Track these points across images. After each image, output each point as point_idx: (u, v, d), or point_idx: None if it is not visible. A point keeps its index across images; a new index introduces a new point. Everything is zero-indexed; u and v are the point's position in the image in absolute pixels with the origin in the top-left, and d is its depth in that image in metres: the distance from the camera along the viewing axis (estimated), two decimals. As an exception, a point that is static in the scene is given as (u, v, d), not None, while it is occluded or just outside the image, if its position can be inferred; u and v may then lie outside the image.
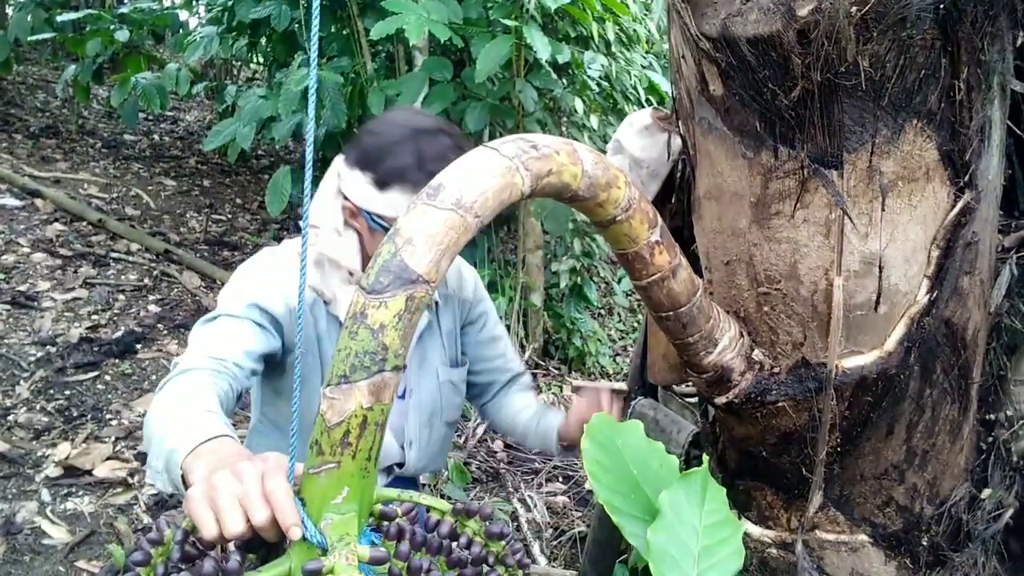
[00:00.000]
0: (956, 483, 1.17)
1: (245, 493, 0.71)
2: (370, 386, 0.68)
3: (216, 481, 0.73)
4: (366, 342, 0.68)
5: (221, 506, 0.70)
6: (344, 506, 0.70)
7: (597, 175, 0.87)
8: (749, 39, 0.97)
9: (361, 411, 0.68)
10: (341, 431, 0.68)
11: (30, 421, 2.97)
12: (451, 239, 0.72)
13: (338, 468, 0.69)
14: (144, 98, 4.63)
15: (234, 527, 0.69)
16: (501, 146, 0.80)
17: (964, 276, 1.07)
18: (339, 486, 0.69)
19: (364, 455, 0.69)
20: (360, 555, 0.67)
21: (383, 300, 0.68)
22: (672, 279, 1.03)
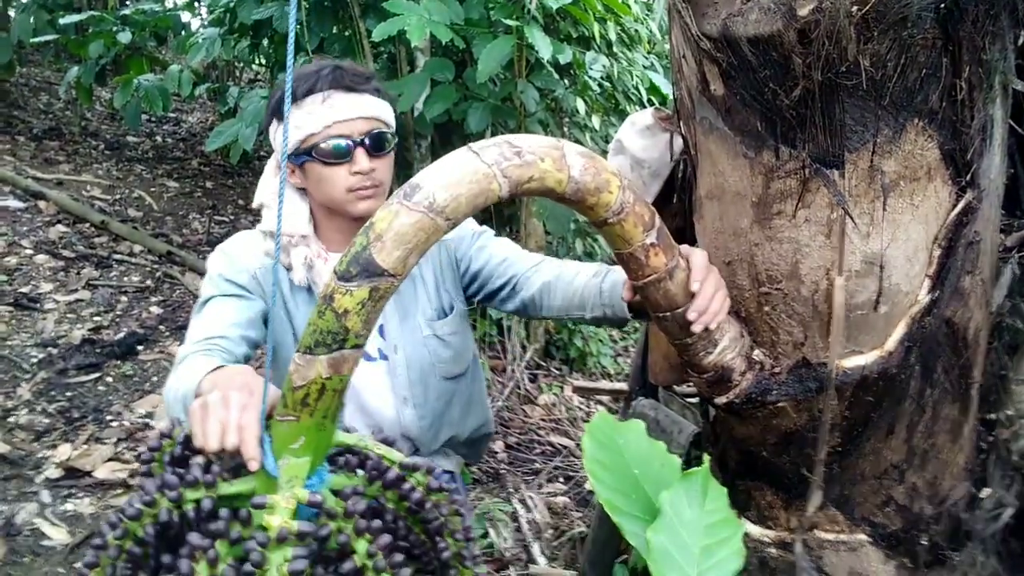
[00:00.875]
0: (956, 482, 1.17)
1: (226, 420, 0.84)
2: (330, 360, 0.78)
3: (209, 401, 0.86)
4: (330, 323, 0.78)
5: (206, 426, 0.84)
6: (300, 452, 0.82)
7: (585, 181, 0.88)
8: (750, 39, 0.97)
9: (320, 379, 0.79)
10: (302, 393, 0.80)
11: (31, 422, 2.97)
12: (420, 239, 0.78)
13: (297, 421, 0.81)
14: (147, 100, 4.64)
15: (211, 446, 0.83)
16: (483, 150, 0.82)
17: (966, 276, 1.07)
18: (296, 435, 0.82)
19: (321, 414, 0.81)
20: (299, 497, 0.79)
21: (349, 288, 0.77)
22: (669, 280, 1.03)
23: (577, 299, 1.34)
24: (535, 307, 1.43)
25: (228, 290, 1.35)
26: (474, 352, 1.62)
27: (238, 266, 1.37)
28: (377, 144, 1.34)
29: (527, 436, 3.47)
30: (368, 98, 1.34)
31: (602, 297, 1.29)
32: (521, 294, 1.44)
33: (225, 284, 1.35)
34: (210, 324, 1.28)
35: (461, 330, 1.54)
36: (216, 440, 0.83)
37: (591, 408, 3.84)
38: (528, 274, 1.45)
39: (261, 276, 1.38)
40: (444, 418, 1.53)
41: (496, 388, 3.69)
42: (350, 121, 1.31)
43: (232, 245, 1.42)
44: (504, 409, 3.59)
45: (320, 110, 1.30)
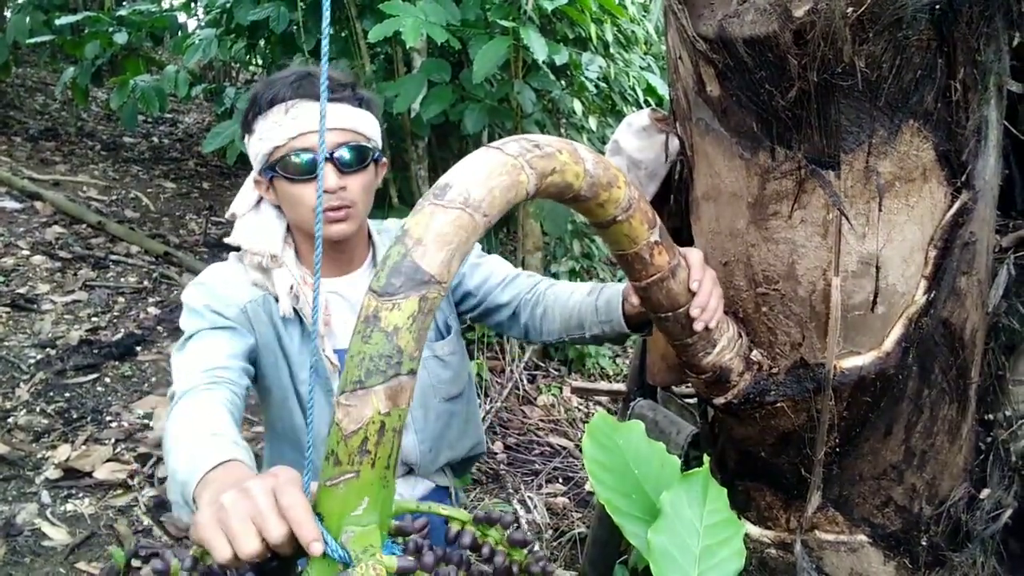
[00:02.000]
0: (955, 483, 1.17)
1: (258, 510, 0.67)
2: (387, 390, 0.66)
3: (225, 501, 0.69)
4: (381, 345, 0.66)
5: (233, 526, 0.67)
6: (364, 517, 0.67)
7: (599, 174, 0.87)
8: (746, 40, 0.97)
9: (379, 417, 0.66)
10: (359, 439, 0.66)
11: (30, 423, 2.97)
12: (461, 238, 0.71)
13: (357, 478, 0.66)
14: (143, 100, 4.62)
15: (249, 547, 0.66)
16: (504, 145, 0.80)
17: (962, 276, 1.07)
18: (359, 497, 0.67)
19: (383, 463, 0.67)
20: (387, 565, 0.65)
21: (396, 302, 0.67)
22: (671, 279, 1.03)
23: (575, 320, 1.33)
24: (536, 332, 1.42)
25: (218, 323, 1.23)
26: (470, 372, 1.57)
27: (225, 300, 1.26)
28: (349, 159, 1.22)
29: (526, 437, 3.47)
30: (342, 108, 1.23)
31: (599, 314, 1.28)
32: (523, 319, 1.44)
33: (213, 316, 1.23)
34: (204, 356, 1.16)
35: (459, 350, 1.50)
36: (252, 539, 0.66)
37: (590, 409, 3.84)
38: (529, 297, 1.43)
39: (251, 311, 1.28)
40: (443, 440, 1.48)
41: (495, 389, 3.69)
42: (316, 133, 1.18)
43: (212, 278, 1.30)
44: (503, 410, 3.60)
45: (284, 120, 1.20)
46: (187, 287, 1.30)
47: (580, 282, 1.43)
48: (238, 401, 1.11)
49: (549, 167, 0.81)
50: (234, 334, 1.23)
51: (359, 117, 1.26)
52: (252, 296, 1.29)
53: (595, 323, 1.29)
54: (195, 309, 1.25)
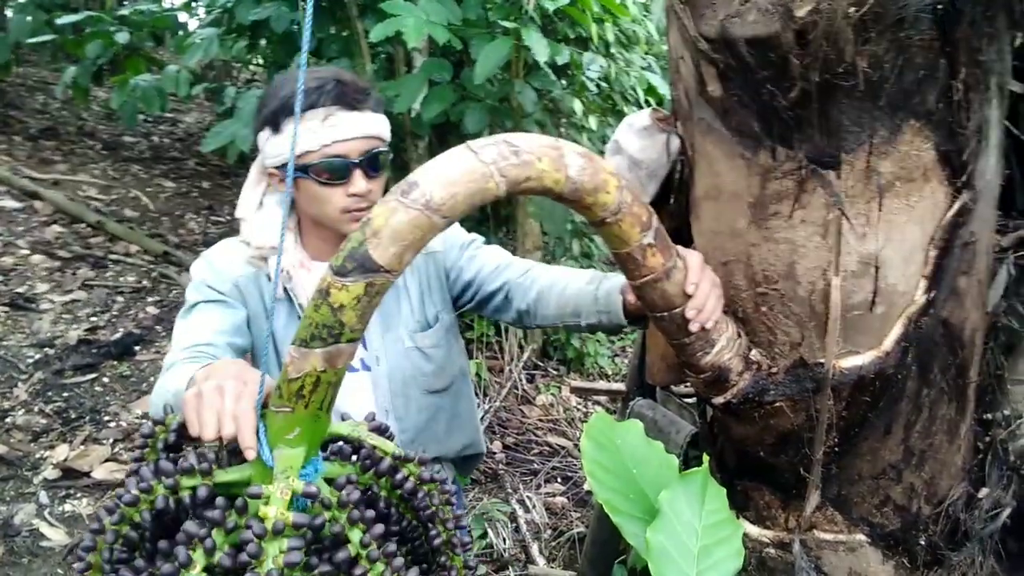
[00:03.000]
0: (953, 483, 1.17)
1: (222, 409, 0.84)
2: (325, 354, 0.79)
3: (204, 390, 0.87)
4: (326, 317, 0.78)
5: (202, 415, 0.85)
6: (295, 442, 0.83)
7: (583, 181, 0.89)
8: (747, 40, 0.97)
9: (315, 372, 0.80)
10: (297, 385, 0.80)
11: (28, 423, 2.96)
12: (416, 236, 0.79)
13: (292, 412, 0.82)
14: (143, 100, 4.62)
15: (207, 434, 0.84)
16: (481, 149, 0.82)
17: (962, 276, 1.07)
18: (292, 426, 0.82)
19: (316, 405, 0.82)
20: (294, 487, 0.79)
21: (345, 283, 0.77)
22: (666, 281, 1.03)
23: (571, 307, 1.34)
24: (530, 317, 1.43)
25: (212, 296, 1.34)
26: (462, 368, 1.57)
27: (221, 274, 1.37)
28: (375, 164, 1.32)
29: (525, 437, 3.47)
30: (368, 115, 1.31)
31: (597, 304, 1.29)
32: (515, 304, 1.44)
33: (208, 291, 1.35)
34: (195, 331, 1.27)
35: (445, 343, 1.51)
36: (212, 428, 0.84)
37: (589, 408, 3.84)
38: (520, 281, 1.43)
39: (243, 285, 1.37)
40: (427, 433, 1.49)
41: (494, 389, 3.69)
42: (349, 141, 1.28)
43: (215, 253, 1.41)
44: (502, 410, 3.59)
45: (320, 128, 1.26)
46: (196, 260, 1.42)
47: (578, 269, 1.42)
48: None
49: (523, 175, 0.85)
50: (225, 308, 1.34)
51: (381, 123, 1.34)
52: (245, 271, 1.38)
53: (592, 312, 1.31)
54: (195, 282, 1.37)
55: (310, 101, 1.26)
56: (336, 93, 1.27)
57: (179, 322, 1.33)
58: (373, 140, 1.31)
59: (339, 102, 1.27)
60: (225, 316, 1.32)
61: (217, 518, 0.78)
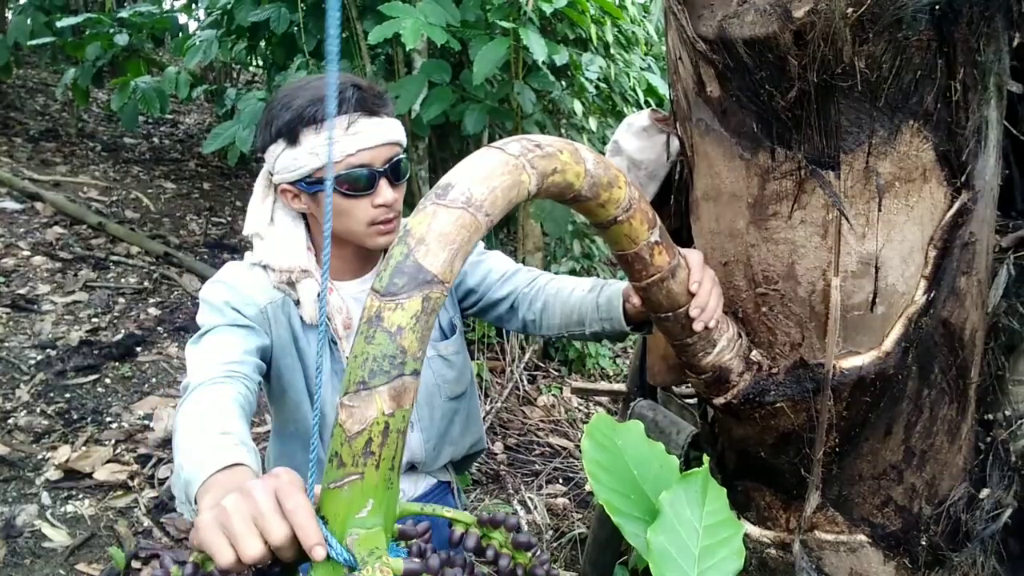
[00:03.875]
0: (954, 483, 1.17)
1: (260, 512, 0.66)
2: (391, 391, 0.65)
3: (227, 504, 0.68)
4: (384, 345, 0.66)
5: (235, 529, 0.65)
6: (369, 520, 0.66)
7: (599, 174, 0.88)
8: (746, 40, 0.97)
9: (383, 418, 0.65)
10: (363, 440, 0.65)
11: (30, 424, 2.97)
12: (463, 238, 0.71)
13: (361, 480, 0.65)
14: (144, 102, 4.63)
15: (251, 549, 0.64)
16: (505, 145, 0.80)
17: (961, 276, 1.07)
18: (363, 499, 0.66)
19: (388, 464, 0.66)
20: (394, 568, 0.64)
21: (399, 302, 0.67)
22: (671, 279, 1.03)
23: (575, 316, 1.33)
24: (536, 326, 1.43)
25: (236, 320, 1.23)
26: (472, 370, 1.58)
27: (245, 298, 1.26)
28: (399, 172, 1.26)
29: (526, 437, 3.47)
30: (388, 121, 1.25)
31: (599, 311, 1.29)
32: (522, 313, 1.44)
33: (233, 313, 1.23)
34: (221, 350, 1.16)
35: (462, 349, 1.52)
36: (254, 543, 0.65)
37: (590, 409, 3.84)
38: (527, 291, 1.43)
39: (271, 312, 1.28)
40: (446, 438, 1.50)
41: (495, 390, 3.69)
42: (374, 149, 1.21)
43: (232, 277, 1.30)
44: (503, 410, 3.60)
45: (343, 137, 1.19)
46: (207, 284, 1.31)
47: (581, 277, 1.43)
48: (251, 397, 1.11)
49: (550, 167, 0.81)
50: (251, 332, 1.24)
51: (399, 128, 1.28)
52: (272, 298, 1.29)
53: (595, 320, 1.30)
54: (215, 305, 1.25)
55: (315, 112, 1.20)
56: (357, 99, 1.21)
57: (194, 346, 1.19)
58: (394, 147, 1.26)
59: (361, 108, 1.21)
60: (250, 339, 1.22)
61: None
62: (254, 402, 1.13)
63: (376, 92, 1.25)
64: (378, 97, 1.24)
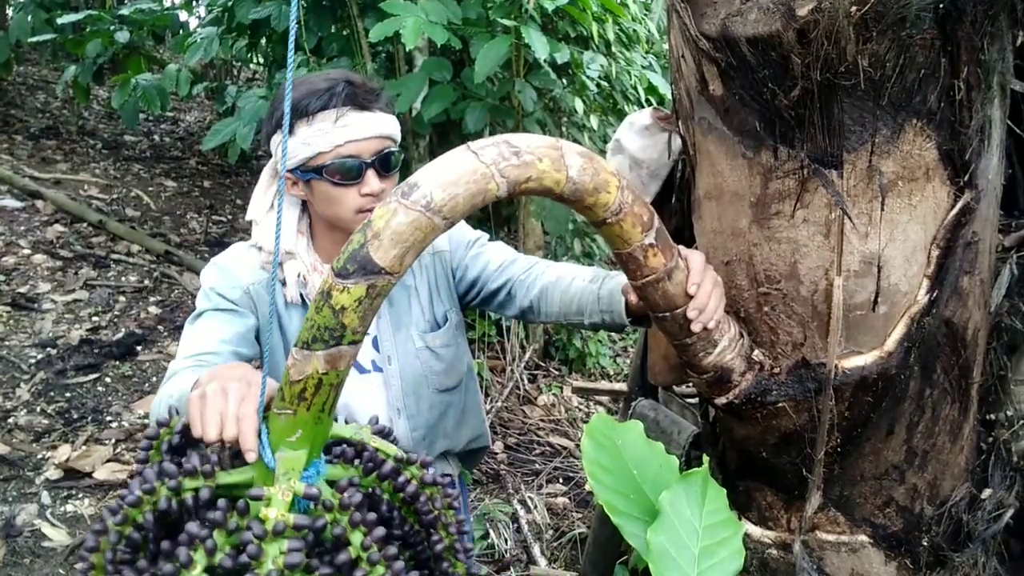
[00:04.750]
0: (956, 483, 1.17)
1: (224, 411, 0.86)
2: (327, 356, 0.79)
3: (208, 392, 0.88)
4: (328, 319, 0.79)
5: (205, 416, 0.86)
6: (297, 444, 0.84)
7: (584, 181, 0.88)
8: (749, 39, 0.97)
9: (317, 374, 0.80)
10: (299, 387, 0.81)
11: (30, 423, 2.97)
12: (417, 238, 0.79)
13: (294, 415, 0.82)
14: (144, 99, 4.63)
15: (210, 436, 0.85)
16: (482, 150, 0.82)
17: (964, 276, 1.07)
18: (294, 428, 0.83)
19: (318, 408, 0.82)
20: (296, 489, 0.80)
21: (346, 285, 0.78)
22: (667, 281, 1.03)
23: (575, 305, 1.36)
24: (533, 313, 1.45)
25: (220, 304, 1.34)
26: (469, 364, 1.59)
27: (231, 281, 1.36)
28: (387, 164, 1.32)
29: (527, 437, 3.47)
30: (379, 116, 1.32)
31: (600, 303, 1.30)
32: (518, 300, 1.46)
33: (217, 298, 1.34)
34: (200, 339, 1.27)
35: (455, 342, 1.52)
36: (215, 430, 0.85)
37: (590, 409, 3.84)
38: (524, 278, 1.45)
39: (254, 292, 1.36)
40: (438, 429, 1.51)
41: (495, 389, 3.69)
42: (362, 141, 1.29)
43: (226, 258, 1.40)
44: (503, 410, 3.59)
45: (332, 129, 1.27)
46: (206, 266, 1.42)
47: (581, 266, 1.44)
48: None
49: (524, 176, 0.85)
50: (233, 316, 1.33)
51: (391, 123, 1.35)
52: (258, 278, 1.37)
53: (596, 311, 1.32)
54: (204, 290, 1.36)
55: (321, 102, 1.27)
56: (347, 94, 1.28)
57: (186, 329, 1.33)
58: (385, 140, 1.32)
59: (350, 103, 1.28)
60: (231, 324, 1.32)
61: (218, 519, 0.78)
62: None
63: (368, 88, 1.32)
64: (370, 93, 1.31)
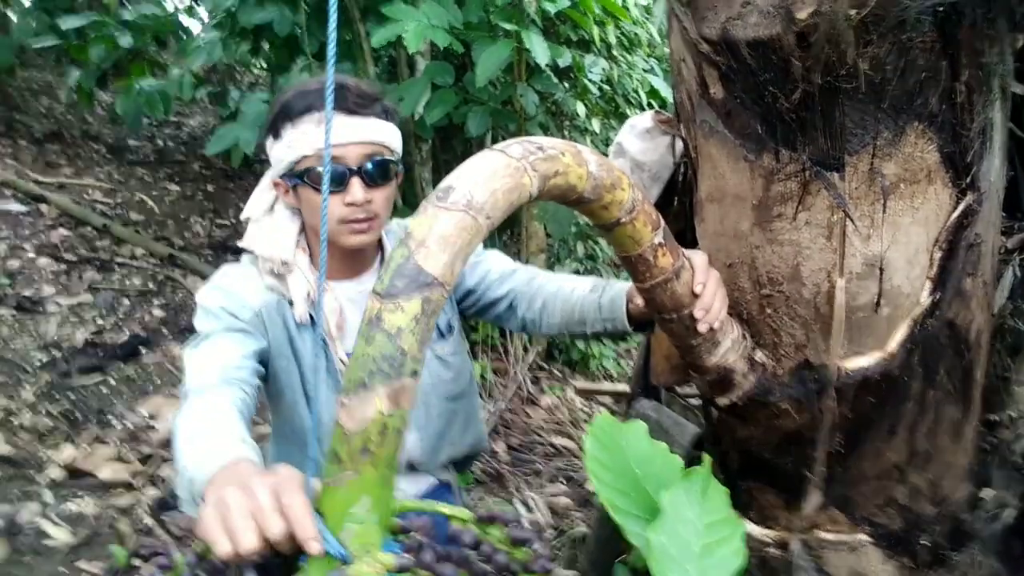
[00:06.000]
0: (957, 483, 1.17)
1: (259, 508, 0.69)
2: (389, 392, 0.67)
3: (227, 498, 0.71)
4: (384, 346, 0.67)
5: (233, 522, 0.69)
6: (365, 516, 0.69)
7: (602, 176, 0.88)
8: (749, 42, 0.98)
9: (381, 418, 0.67)
10: (361, 439, 0.67)
11: (34, 424, 2.97)
12: (464, 240, 0.72)
13: (358, 477, 0.68)
14: (148, 103, 4.64)
15: (248, 543, 0.68)
16: (507, 148, 0.80)
17: (967, 278, 1.07)
18: (360, 495, 0.68)
19: (385, 463, 0.68)
20: (384, 562, 0.66)
21: (399, 304, 0.68)
22: (676, 281, 1.03)
23: (576, 316, 1.34)
24: (535, 325, 1.44)
25: (232, 325, 1.25)
26: (471, 371, 1.58)
27: (240, 302, 1.28)
28: (376, 173, 1.25)
29: (529, 437, 3.47)
30: (371, 121, 1.25)
31: (602, 312, 1.30)
32: (521, 312, 1.44)
33: (228, 318, 1.25)
34: (218, 355, 1.18)
35: (460, 349, 1.51)
36: (252, 534, 0.68)
37: (593, 409, 3.84)
38: (525, 290, 1.44)
39: (266, 315, 1.29)
40: (444, 438, 1.49)
41: (498, 390, 3.69)
42: (347, 146, 1.22)
43: (227, 281, 1.31)
44: (506, 411, 3.60)
45: (315, 131, 1.22)
46: (203, 288, 1.32)
47: (581, 276, 1.44)
48: (249, 401, 1.13)
49: (552, 169, 0.81)
50: (247, 336, 1.25)
51: (385, 130, 1.28)
52: (266, 300, 1.30)
53: (597, 320, 1.30)
54: (210, 310, 1.26)
55: (307, 103, 1.23)
56: (334, 97, 1.24)
57: (192, 352, 1.20)
58: (375, 147, 1.25)
59: (336, 106, 1.22)
60: (247, 343, 1.23)
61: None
62: (253, 406, 1.14)
63: (360, 92, 1.25)
64: (361, 97, 1.24)
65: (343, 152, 1.22)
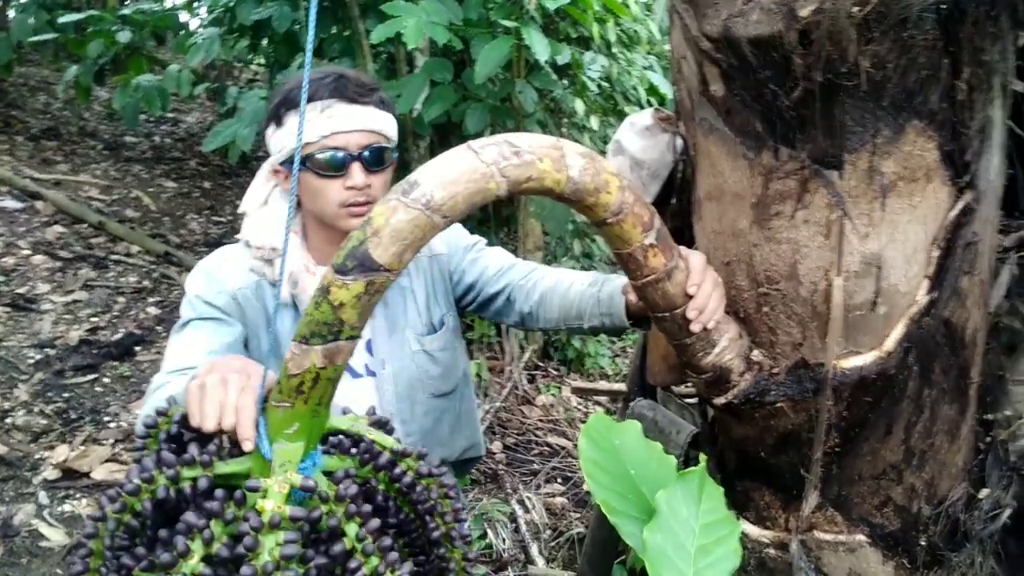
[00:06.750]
0: (954, 483, 1.17)
1: (225, 402, 0.86)
2: (324, 351, 0.80)
3: (207, 382, 0.89)
4: (326, 314, 0.79)
5: (204, 406, 0.87)
6: (294, 437, 0.85)
7: (584, 181, 0.89)
8: (750, 40, 0.97)
9: (315, 368, 0.81)
10: (297, 381, 0.82)
11: (28, 424, 2.96)
12: (416, 236, 0.80)
13: (292, 408, 0.83)
14: (145, 100, 4.63)
15: (208, 425, 0.86)
16: (482, 149, 0.83)
17: (964, 276, 1.07)
18: (291, 421, 0.84)
19: (315, 401, 0.84)
20: (292, 481, 0.81)
21: (345, 282, 0.79)
22: (667, 281, 1.03)
23: (574, 310, 1.35)
24: (533, 319, 1.44)
25: (206, 313, 1.31)
26: (465, 371, 1.57)
27: (217, 287, 1.33)
28: (375, 159, 1.30)
29: (525, 437, 3.47)
30: (370, 110, 1.30)
31: (600, 306, 1.30)
32: (518, 306, 1.45)
33: (203, 306, 1.31)
34: (186, 351, 1.25)
35: (451, 346, 1.50)
36: (213, 420, 0.86)
37: (589, 409, 3.84)
38: (523, 284, 1.44)
39: (242, 297, 1.33)
40: (432, 436, 1.48)
41: (494, 389, 3.69)
42: (348, 133, 1.27)
43: (212, 263, 1.37)
44: (502, 410, 3.59)
45: (318, 119, 1.26)
46: (191, 272, 1.38)
47: (579, 271, 1.44)
48: None
49: (524, 175, 0.85)
50: (219, 325, 1.31)
51: (383, 119, 1.33)
52: (244, 283, 1.34)
53: (595, 315, 1.32)
54: (188, 298, 1.34)
55: (309, 93, 1.25)
56: (334, 86, 1.27)
57: (172, 339, 1.31)
58: (373, 135, 1.30)
59: (337, 95, 1.27)
60: (218, 335, 1.29)
61: (216, 509, 0.79)
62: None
63: (359, 83, 1.31)
64: (361, 87, 1.30)
65: (345, 139, 1.28)
